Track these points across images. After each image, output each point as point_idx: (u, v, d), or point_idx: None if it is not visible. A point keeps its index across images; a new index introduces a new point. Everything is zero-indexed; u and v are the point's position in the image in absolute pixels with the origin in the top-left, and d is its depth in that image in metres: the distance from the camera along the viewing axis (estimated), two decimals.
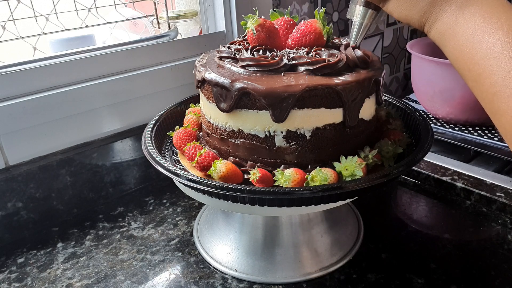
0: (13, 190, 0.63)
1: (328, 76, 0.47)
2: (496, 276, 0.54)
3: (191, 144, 0.52)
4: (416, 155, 0.48)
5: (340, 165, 0.46)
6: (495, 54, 0.34)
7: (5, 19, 0.63)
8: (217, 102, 0.49)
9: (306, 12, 0.90)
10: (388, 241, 0.60)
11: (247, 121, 0.48)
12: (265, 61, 0.48)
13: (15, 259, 0.61)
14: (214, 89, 0.48)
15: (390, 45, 1.18)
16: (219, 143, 0.52)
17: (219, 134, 0.51)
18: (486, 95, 0.35)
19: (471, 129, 0.89)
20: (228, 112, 0.48)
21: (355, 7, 0.47)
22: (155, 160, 0.50)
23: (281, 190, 0.43)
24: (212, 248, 0.59)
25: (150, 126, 0.59)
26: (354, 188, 0.43)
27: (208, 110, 0.53)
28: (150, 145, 0.54)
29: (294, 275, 0.54)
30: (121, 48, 0.71)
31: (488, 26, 0.35)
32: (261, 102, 0.45)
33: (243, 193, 0.43)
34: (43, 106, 0.63)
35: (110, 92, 0.69)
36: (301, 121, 0.47)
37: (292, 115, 0.46)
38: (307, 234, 0.57)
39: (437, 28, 0.39)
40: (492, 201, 0.66)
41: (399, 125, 0.56)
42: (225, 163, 0.48)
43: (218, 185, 0.44)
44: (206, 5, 0.81)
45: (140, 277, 0.56)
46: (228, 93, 0.47)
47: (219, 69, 0.50)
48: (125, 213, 0.70)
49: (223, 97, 0.48)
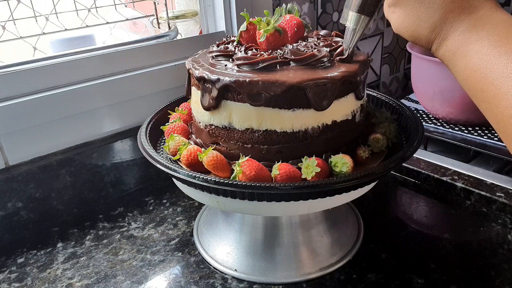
0: (13, 190, 0.63)
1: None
2: (496, 276, 0.54)
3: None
4: (405, 152, 0.49)
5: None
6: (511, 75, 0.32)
7: (5, 19, 0.63)
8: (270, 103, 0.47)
9: (306, 12, 0.90)
10: (388, 241, 0.60)
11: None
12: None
13: (15, 259, 0.61)
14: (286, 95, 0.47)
15: (390, 45, 1.18)
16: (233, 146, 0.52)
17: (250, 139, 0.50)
18: (501, 117, 0.33)
19: (471, 129, 0.89)
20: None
21: (348, 13, 0.47)
22: (151, 156, 0.50)
23: (277, 185, 0.43)
24: (212, 248, 0.59)
25: (146, 122, 0.60)
26: (344, 185, 0.44)
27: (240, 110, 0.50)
28: (144, 140, 0.54)
29: (294, 275, 0.54)
30: (121, 48, 0.71)
31: (504, 46, 0.33)
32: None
33: (237, 188, 0.43)
34: (43, 106, 0.63)
35: (110, 92, 0.69)
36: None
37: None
38: (307, 234, 0.57)
39: (448, 46, 0.37)
40: (492, 201, 0.66)
41: (387, 118, 0.57)
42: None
43: (211, 180, 0.44)
44: (206, 5, 0.81)
45: (140, 277, 0.56)
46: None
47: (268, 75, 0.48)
48: (125, 213, 0.70)
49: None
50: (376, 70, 1.18)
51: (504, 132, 0.34)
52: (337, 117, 0.50)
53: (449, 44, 0.37)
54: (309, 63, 0.49)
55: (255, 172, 0.45)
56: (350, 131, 0.52)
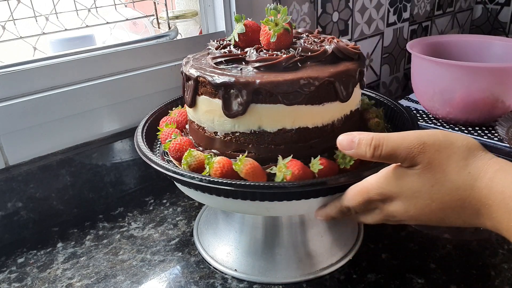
0: (13, 190, 0.63)
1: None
2: (496, 276, 0.54)
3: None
4: None
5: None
6: None
7: (5, 19, 0.63)
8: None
9: (306, 12, 0.90)
10: (388, 241, 0.60)
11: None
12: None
13: (15, 259, 0.61)
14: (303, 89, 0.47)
15: (390, 45, 1.18)
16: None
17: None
18: None
19: (471, 129, 0.89)
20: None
21: None
22: (145, 155, 0.51)
23: (273, 184, 0.43)
24: (212, 248, 0.59)
25: (143, 122, 0.60)
26: (336, 184, 0.44)
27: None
28: (140, 140, 0.55)
29: (294, 275, 0.54)
30: (121, 48, 0.71)
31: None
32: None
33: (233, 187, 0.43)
34: (43, 106, 0.63)
35: (110, 92, 0.69)
36: None
37: None
38: (307, 234, 0.57)
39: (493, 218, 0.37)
40: None
41: (368, 103, 0.59)
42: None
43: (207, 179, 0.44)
44: (206, 5, 0.81)
45: (140, 277, 0.56)
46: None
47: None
48: (125, 213, 0.70)
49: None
50: (376, 70, 1.18)
51: None
52: (353, 107, 0.52)
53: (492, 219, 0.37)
54: (323, 59, 0.50)
55: (302, 171, 0.45)
56: (356, 121, 0.55)
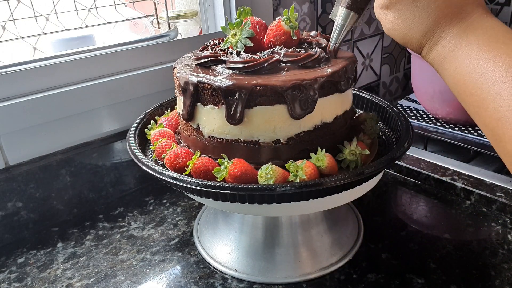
0: (13, 190, 0.63)
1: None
2: (496, 276, 0.54)
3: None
4: (395, 152, 0.49)
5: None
6: (500, 78, 0.32)
7: (5, 19, 0.63)
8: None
9: (306, 12, 0.90)
10: (388, 241, 0.60)
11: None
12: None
13: (15, 259, 0.61)
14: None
15: (390, 45, 1.18)
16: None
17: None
18: (490, 121, 0.33)
19: (471, 129, 0.89)
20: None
21: (338, 8, 0.48)
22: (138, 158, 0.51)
23: (262, 187, 0.43)
24: (212, 248, 0.59)
25: (135, 124, 0.59)
26: (334, 184, 0.43)
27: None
28: (133, 143, 0.54)
29: (294, 275, 0.54)
30: (121, 48, 0.71)
31: (494, 50, 0.33)
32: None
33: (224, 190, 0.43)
34: (43, 106, 0.63)
35: (110, 92, 0.69)
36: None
37: None
38: (307, 234, 0.57)
39: (438, 50, 0.37)
40: (492, 201, 0.66)
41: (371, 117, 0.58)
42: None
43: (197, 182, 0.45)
44: (206, 5, 0.81)
45: (140, 277, 0.56)
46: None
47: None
48: (125, 213, 0.70)
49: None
50: (376, 70, 1.18)
51: (492, 136, 0.34)
52: (348, 106, 0.54)
53: (439, 49, 0.37)
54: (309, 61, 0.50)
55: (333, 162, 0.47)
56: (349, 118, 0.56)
